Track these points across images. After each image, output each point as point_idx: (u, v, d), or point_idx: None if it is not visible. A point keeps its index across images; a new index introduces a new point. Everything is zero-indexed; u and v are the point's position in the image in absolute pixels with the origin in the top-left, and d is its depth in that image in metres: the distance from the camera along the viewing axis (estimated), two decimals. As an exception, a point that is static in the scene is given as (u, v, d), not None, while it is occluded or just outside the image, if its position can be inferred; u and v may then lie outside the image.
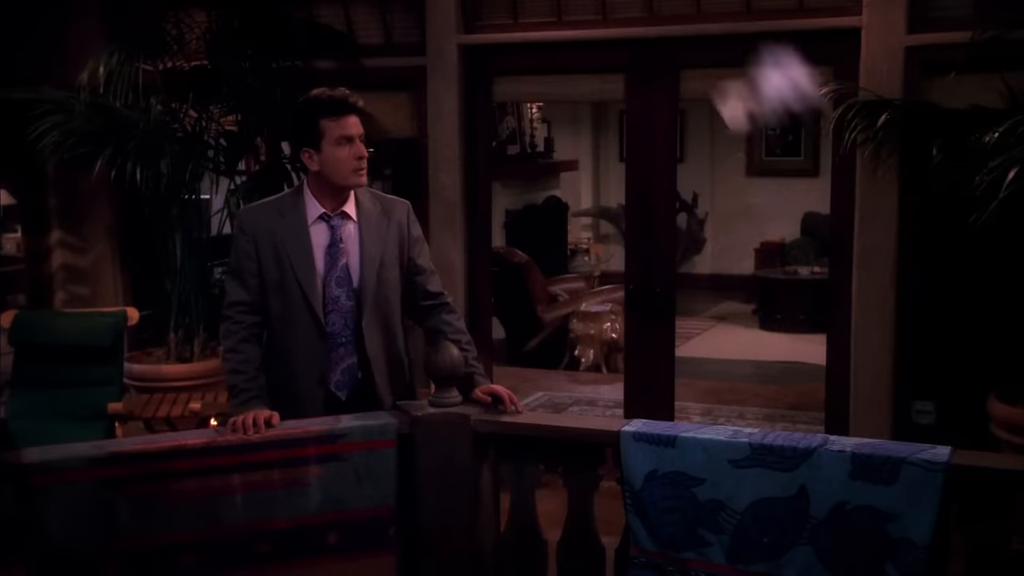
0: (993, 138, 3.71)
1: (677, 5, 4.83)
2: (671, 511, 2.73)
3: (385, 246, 3.07)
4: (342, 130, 2.94)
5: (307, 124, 2.97)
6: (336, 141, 2.94)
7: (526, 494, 3.03)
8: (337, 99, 2.97)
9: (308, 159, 2.99)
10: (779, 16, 4.64)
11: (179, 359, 5.32)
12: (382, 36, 5.36)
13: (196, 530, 2.76)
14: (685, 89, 4.93)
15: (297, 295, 3.01)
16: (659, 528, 2.76)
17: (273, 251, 3.00)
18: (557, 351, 7.79)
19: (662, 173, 4.99)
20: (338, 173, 2.97)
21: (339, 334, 3.04)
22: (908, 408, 4.50)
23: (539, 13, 5.07)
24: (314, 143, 2.96)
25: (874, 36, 4.40)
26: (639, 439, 2.77)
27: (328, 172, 2.98)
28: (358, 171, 2.99)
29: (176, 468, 2.75)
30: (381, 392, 3.09)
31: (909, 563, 2.51)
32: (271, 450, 2.82)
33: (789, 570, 2.62)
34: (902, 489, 2.52)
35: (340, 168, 2.96)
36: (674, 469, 2.70)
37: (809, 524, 2.60)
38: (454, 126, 5.20)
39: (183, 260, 5.28)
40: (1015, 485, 2.61)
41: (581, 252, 10.23)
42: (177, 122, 5.19)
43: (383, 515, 2.90)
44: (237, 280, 3.05)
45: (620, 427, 2.82)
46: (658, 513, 2.75)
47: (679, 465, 2.70)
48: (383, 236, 3.06)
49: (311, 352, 3.03)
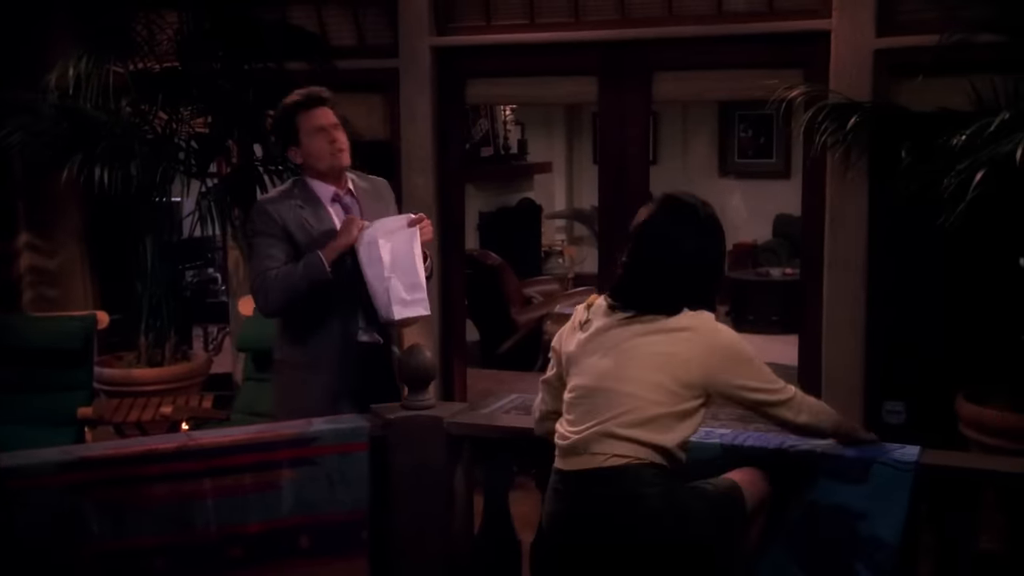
0: (960, 140, 3.75)
1: (649, 8, 4.85)
2: None
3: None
4: (314, 120, 3.20)
5: (285, 123, 3.25)
6: (312, 132, 3.20)
7: (500, 496, 3.03)
8: (305, 94, 3.24)
9: (294, 155, 3.27)
10: (749, 19, 4.67)
11: (150, 363, 5.28)
12: (355, 38, 5.34)
13: (167, 535, 2.75)
14: (657, 91, 4.95)
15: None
16: None
17: (306, 233, 3.17)
18: (531, 353, 7.78)
19: (635, 175, 5.01)
20: (319, 159, 3.22)
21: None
22: (879, 408, 4.54)
23: (512, 15, 5.08)
24: (294, 139, 3.23)
25: (843, 39, 4.44)
26: None
27: (311, 161, 3.23)
28: (335, 153, 3.21)
29: (147, 473, 2.74)
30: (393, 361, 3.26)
31: (878, 562, 2.54)
32: (243, 454, 2.81)
33: (766, 568, 2.64)
34: (872, 488, 2.55)
35: (319, 155, 3.21)
36: None
37: (781, 523, 2.62)
38: (427, 128, 5.19)
39: (153, 263, 5.24)
40: (983, 484, 2.65)
41: (555, 254, 10.23)
42: (147, 124, 5.14)
43: (355, 519, 2.90)
44: (267, 252, 3.15)
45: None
46: None
47: None
48: (381, 212, 3.28)
49: (343, 322, 3.20)
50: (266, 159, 5.20)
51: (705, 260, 2.48)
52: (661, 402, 2.38)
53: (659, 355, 2.39)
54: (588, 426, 2.42)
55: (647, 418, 2.37)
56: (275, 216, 3.17)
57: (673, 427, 2.39)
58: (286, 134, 3.24)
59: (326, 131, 3.19)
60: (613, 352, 2.44)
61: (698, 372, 2.39)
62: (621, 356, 2.42)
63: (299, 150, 3.22)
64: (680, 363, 2.38)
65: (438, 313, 5.05)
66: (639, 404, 2.38)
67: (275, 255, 3.14)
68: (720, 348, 2.42)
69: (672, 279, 2.44)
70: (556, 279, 9.39)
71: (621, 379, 2.41)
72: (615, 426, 2.38)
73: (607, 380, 2.42)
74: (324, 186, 3.25)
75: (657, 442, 2.38)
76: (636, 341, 2.42)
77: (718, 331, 2.43)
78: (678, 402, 2.39)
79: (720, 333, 2.43)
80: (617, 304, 2.49)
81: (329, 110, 3.23)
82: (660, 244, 2.46)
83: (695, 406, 2.42)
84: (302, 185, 3.27)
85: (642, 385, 2.38)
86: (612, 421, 2.38)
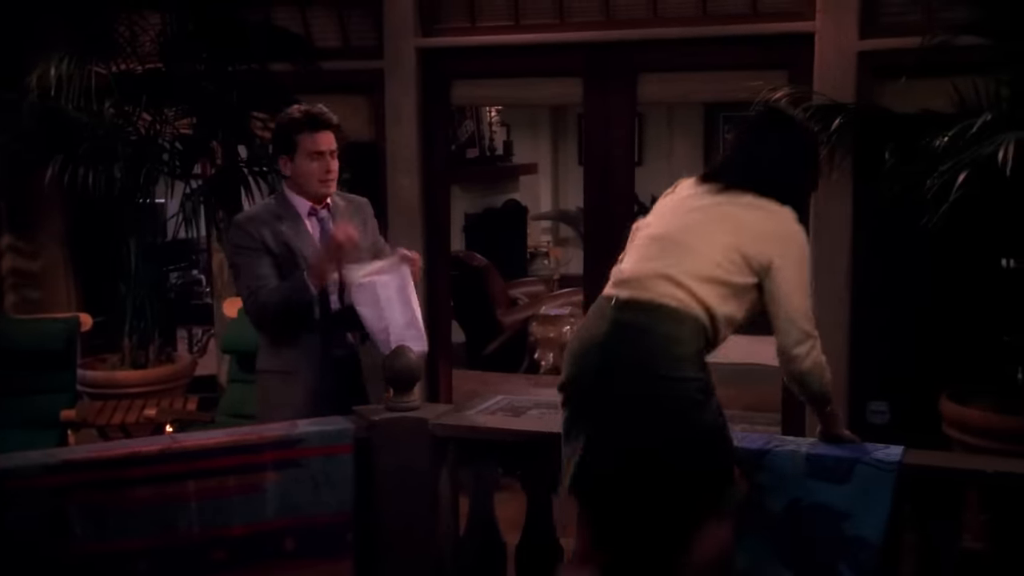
0: (943, 142, 3.77)
1: (634, 9, 4.86)
2: None
3: (363, 238, 3.27)
4: (315, 145, 3.18)
5: (285, 135, 3.23)
6: (308, 155, 3.19)
7: (484, 497, 3.02)
8: (313, 115, 3.21)
9: (283, 165, 3.25)
10: (734, 21, 4.68)
11: (134, 365, 5.25)
12: (339, 39, 5.33)
13: (150, 537, 2.72)
14: (643, 92, 4.96)
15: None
16: None
17: (284, 247, 3.17)
18: (517, 355, 7.78)
19: (621, 176, 5.02)
20: (307, 183, 3.22)
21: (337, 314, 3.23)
22: (863, 408, 4.55)
23: (497, 17, 5.08)
24: (289, 153, 3.22)
25: (827, 41, 4.46)
26: None
27: (299, 180, 3.23)
28: (324, 182, 3.23)
29: (130, 475, 2.71)
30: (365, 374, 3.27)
31: (861, 561, 2.55)
32: (227, 456, 2.80)
33: (741, 559, 2.65)
34: (855, 488, 2.56)
35: (309, 179, 3.21)
36: None
37: (763, 515, 2.63)
38: (412, 129, 5.19)
39: (137, 265, 5.22)
40: (965, 484, 2.66)
41: (540, 255, 10.24)
42: (131, 125, 5.12)
43: (340, 521, 2.89)
44: (255, 272, 3.15)
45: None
46: None
47: None
48: (359, 229, 3.26)
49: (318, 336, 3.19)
50: (251, 160, 5.19)
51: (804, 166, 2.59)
52: (722, 265, 2.43)
53: (736, 221, 2.47)
54: (650, 267, 2.47)
55: (707, 276, 2.42)
56: (253, 233, 3.17)
57: (725, 299, 2.43)
58: (283, 145, 3.23)
59: (323, 157, 3.19)
60: (692, 212, 2.54)
61: (763, 247, 2.44)
62: (698, 214, 2.51)
63: (291, 164, 3.22)
64: (752, 234, 2.45)
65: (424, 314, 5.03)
66: (703, 261, 2.44)
67: (262, 273, 3.15)
68: (791, 236, 2.48)
69: (771, 172, 2.53)
70: (542, 280, 9.40)
71: (692, 233, 2.48)
72: (677, 272, 2.43)
73: (678, 232, 2.50)
74: (303, 201, 3.25)
75: (708, 303, 2.41)
76: (719, 207, 2.51)
77: (797, 226, 2.50)
78: (736, 273, 2.44)
79: (799, 228, 2.51)
80: (710, 179, 2.58)
81: (332, 135, 3.22)
82: (769, 138, 2.58)
83: (748, 285, 2.45)
84: (281, 198, 3.29)
85: (711, 244, 2.45)
86: (675, 268, 2.44)
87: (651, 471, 2.41)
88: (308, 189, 3.23)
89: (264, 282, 3.14)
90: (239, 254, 3.22)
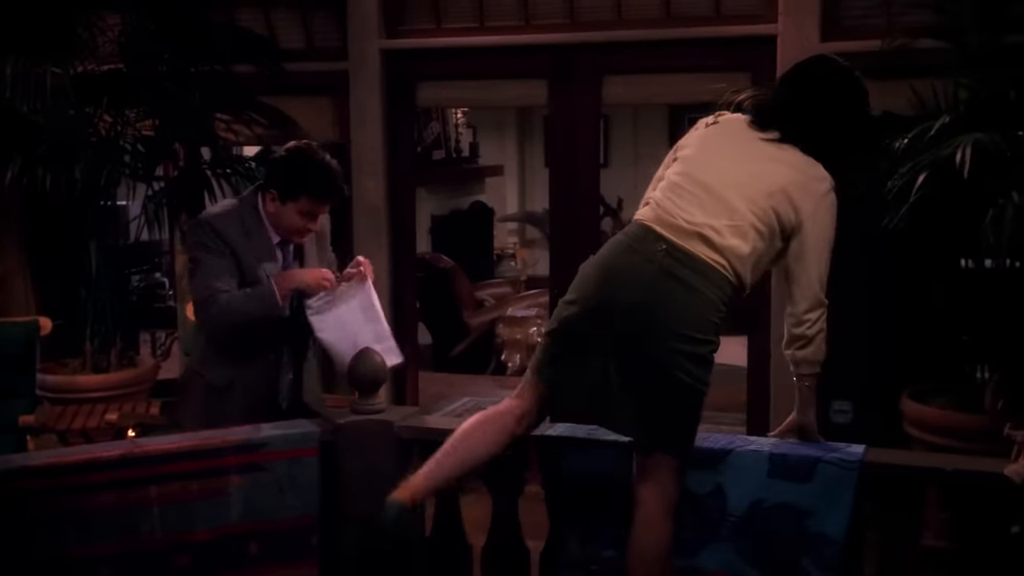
0: (903, 144, 3.81)
1: (599, 12, 4.87)
2: (601, 509, 2.76)
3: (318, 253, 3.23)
4: (314, 209, 3.07)
5: (293, 182, 3.04)
6: (301, 212, 3.05)
7: (450, 500, 3.02)
8: (332, 187, 3.07)
9: (270, 199, 3.08)
10: (698, 23, 4.72)
11: (95, 369, 5.18)
12: (303, 40, 5.30)
13: (112, 543, 2.69)
14: (608, 94, 4.97)
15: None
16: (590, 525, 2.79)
17: (250, 261, 3.06)
18: (484, 356, 7.78)
19: (586, 178, 5.03)
20: (283, 231, 3.10)
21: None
22: (826, 408, 4.59)
23: (462, 18, 5.07)
24: (284, 197, 3.05)
25: (789, 43, 4.50)
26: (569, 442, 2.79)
27: (276, 223, 3.10)
28: (301, 235, 3.12)
29: (90, 481, 2.68)
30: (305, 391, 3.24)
31: (825, 559, 2.58)
32: (190, 461, 2.77)
33: (708, 565, 2.67)
34: (818, 487, 2.58)
35: (287, 230, 3.10)
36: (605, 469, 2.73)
37: (728, 521, 2.65)
38: (377, 131, 5.17)
39: (99, 268, 5.15)
40: (925, 482, 2.70)
41: (507, 257, 10.24)
42: (91, 127, 5.05)
43: (305, 524, 2.87)
44: (216, 273, 3.04)
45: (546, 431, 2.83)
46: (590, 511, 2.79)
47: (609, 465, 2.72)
48: (321, 243, 3.23)
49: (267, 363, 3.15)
50: (214, 162, 5.14)
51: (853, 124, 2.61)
52: (756, 227, 2.47)
53: (778, 179, 2.49)
54: (696, 219, 2.48)
55: (744, 232, 2.46)
56: (223, 236, 3.05)
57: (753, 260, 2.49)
58: (284, 186, 3.04)
59: (312, 218, 3.08)
60: (740, 162, 2.53)
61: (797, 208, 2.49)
62: (747, 167, 2.51)
63: (278, 205, 3.05)
64: (789, 195, 2.48)
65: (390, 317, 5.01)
66: (744, 219, 2.47)
67: (225, 277, 3.04)
68: (824, 201, 2.52)
69: (821, 123, 2.54)
70: (508, 282, 9.40)
71: (739, 190, 2.49)
72: (716, 232, 2.46)
73: (726, 188, 2.50)
74: (274, 234, 3.13)
75: (736, 262, 2.47)
76: (764, 164, 2.51)
77: (832, 193, 2.54)
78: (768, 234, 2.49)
79: (833, 195, 2.54)
80: (759, 122, 2.57)
81: (330, 205, 3.12)
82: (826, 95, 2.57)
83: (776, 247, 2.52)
84: (252, 213, 3.11)
85: (755, 204, 2.47)
86: (715, 224, 2.46)
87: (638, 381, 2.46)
88: (281, 233, 3.11)
89: (225, 286, 3.03)
90: (203, 250, 3.07)
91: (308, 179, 3.03)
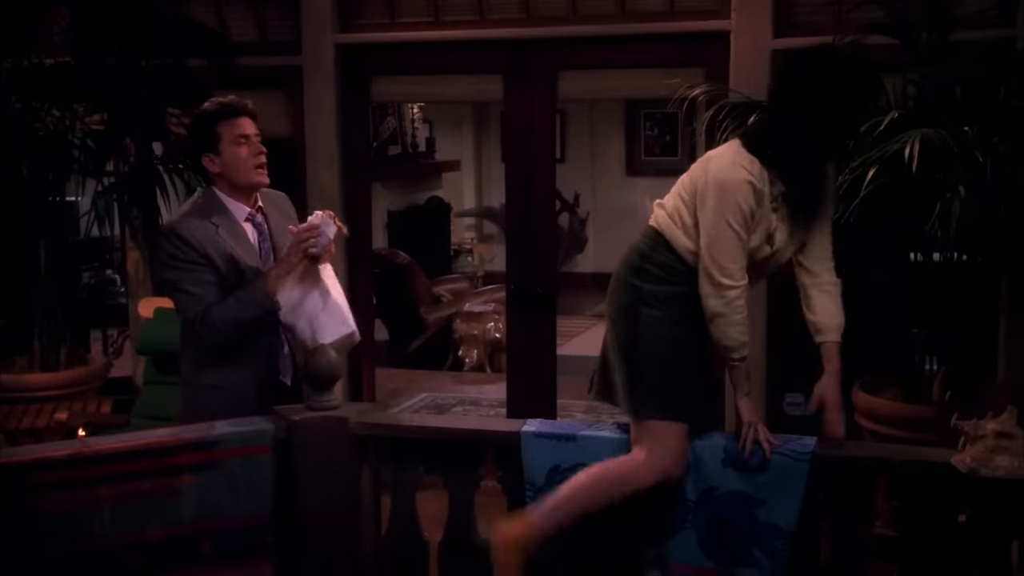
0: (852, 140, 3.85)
1: (554, 7, 4.89)
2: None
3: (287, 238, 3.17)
4: (238, 129, 3.07)
5: (204, 131, 3.10)
6: (234, 141, 3.06)
7: (407, 496, 3.01)
8: (228, 103, 3.11)
9: (209, 163, 3.09)
10: (652, 19, 4.74)
11: (44, 368, 5.09)
12: (256, 34, 5.25)
13: (62, 544, 2.66)
14: (563, 90, 4.98)
15: None
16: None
17: (226, 256, 3.03)
18: (441, 352, 7.78)
19: (542, 173, 5.03)
20: (240, 171, 3.08)
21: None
22: (780, 400, 4.65)
23: (417, 13, 5.05)
24: (212, 147, 3.07)
25: (742, 39, 4.54)
26: (540, 437, 2.82)
27: (230, 172, 3.08)
28: (259, 168, 3.10)
29: (39, 480, 2.64)
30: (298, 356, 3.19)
31: (776, 548, 2.61)
32: (141, 459, 2.74)
33: (677, 554, 2.71)
34: (770, 478, 2.62)
35: (241, 166, 3.07)
36: (578, 463, 2.75)
37: (688, 508, 2.68)
38: (332, 126, 5.14)
39: (47, 264, 5.06)
40: (874, 471, 2.74)
41: (464, 252, 10.22)
42: (38, 121, 4.96)
43: (260, 522, 2.85)
44: (199, 287, 2.99)
45: (520, 427, 2.86)
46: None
47: (581, 459, 2.75)
48: (284, 228, 3.18)
49: (267, 345, 3.11)
50: (165, 157, 5.07)
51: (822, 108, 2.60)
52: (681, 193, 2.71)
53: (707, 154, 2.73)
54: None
55: (672, 194, 2.74)
56: (194, 243, 2.99)
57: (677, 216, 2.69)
58: (204, 141, 3.07)
59: (250, 141, 3.07)
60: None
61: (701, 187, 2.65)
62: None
63: (218, 159, 3.06)
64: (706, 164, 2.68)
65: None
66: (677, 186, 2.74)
67: (206, 287, 2.99)
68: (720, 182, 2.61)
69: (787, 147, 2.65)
70: (465, 277, 9.40)
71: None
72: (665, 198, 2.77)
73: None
74: (238, 204, 3.10)
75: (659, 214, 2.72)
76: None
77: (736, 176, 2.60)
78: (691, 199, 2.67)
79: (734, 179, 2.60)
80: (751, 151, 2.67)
81: (251, 121, 3.10)
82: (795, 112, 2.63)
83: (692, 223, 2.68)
84: (213, 200, 3.10)
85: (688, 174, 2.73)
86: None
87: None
88: (242, 179, 3.07)
89: (211, 298, 2.98)
90: (175, 268, 3.01)
91: (208, 114, 3.09)
